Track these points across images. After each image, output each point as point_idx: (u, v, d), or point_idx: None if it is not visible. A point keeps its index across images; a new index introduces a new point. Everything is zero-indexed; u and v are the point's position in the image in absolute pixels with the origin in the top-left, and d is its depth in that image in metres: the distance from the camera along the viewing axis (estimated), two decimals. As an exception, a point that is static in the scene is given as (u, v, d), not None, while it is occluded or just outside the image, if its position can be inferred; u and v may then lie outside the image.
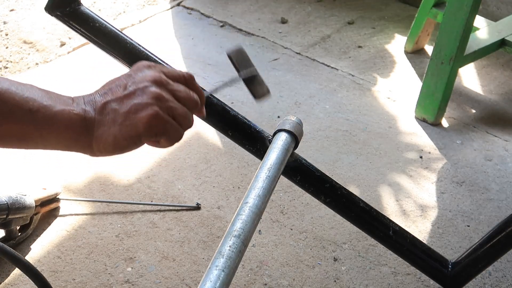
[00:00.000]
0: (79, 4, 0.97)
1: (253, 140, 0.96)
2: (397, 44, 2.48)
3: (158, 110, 0.63)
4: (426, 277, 1.12)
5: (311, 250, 1.54)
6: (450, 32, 1.86)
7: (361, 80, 2.24)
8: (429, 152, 1.91)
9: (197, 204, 1.64)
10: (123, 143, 0.63)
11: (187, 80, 0.69)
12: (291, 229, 1.60)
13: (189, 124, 0.67)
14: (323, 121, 2.02)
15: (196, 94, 0.69)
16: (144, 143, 0.64)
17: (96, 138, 0.63)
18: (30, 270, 0.99)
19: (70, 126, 0.62)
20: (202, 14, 2.60)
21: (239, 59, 0.81)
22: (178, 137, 0.66)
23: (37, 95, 0.62)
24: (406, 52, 2.43)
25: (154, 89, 0.63)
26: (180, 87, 0.66)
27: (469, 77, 2.31)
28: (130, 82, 0.64)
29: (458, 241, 1.59)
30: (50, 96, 0.63)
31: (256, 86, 0.81)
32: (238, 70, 0.81)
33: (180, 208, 1.63)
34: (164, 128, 0.64)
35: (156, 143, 0.67)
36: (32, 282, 1.01)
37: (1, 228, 1.43)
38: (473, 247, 1.00)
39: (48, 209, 1.56)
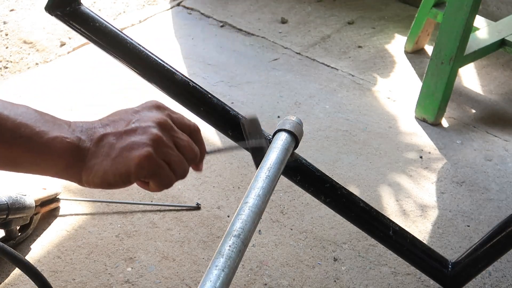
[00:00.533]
0: (79, 4, 0.97)
1: (253, 140, 0.96)
2: (397, 44, 2.48)
3: (152, 152, 0.61)
4: (426, 277, 1.12)
5: (311, 250, 1.54)
6: (450, 32, 1.86)
7: (361, 80, 2.24)
8: (429, 152, 1.91)
9: (197, 204, 1.64)
10: (112, 179, 0.61)
11: (192, 131, 0.68)
12: (291, 229, 1.60)
13: (183, 174, 0.67)
14: (323, 121, 2.02)
15: (197, 147, 0.69)
16: (133, 183, 0.63)
17: (86, 169, 0.61)
18: (30, 270, 0.99)
19: (62, 156, 0.60)
20: (202, 14, 2.60)
21: (251, 129, 0.82)
22: (169, 184, 0.65)
23: (31, 119, 0.60)
24: (406, 52, 2.43)
25: (155, 130, 0.62)
26: (183, 136, 0.66)
27: (469, 77, 2.31)
28: (135, 119, 0.63)
29: (458, 241, 1.59)
30: (45, 121, 0.61)
31: (260, 158, 0.82)
32: (247, 138, 0.81)
33: (180, 208, 1.63)
34: (155, 171, 0.62)
35: (145, 185, 0.66)
36: (32, 282, 1.01)
37: (1, 228, 1.43)
38: (473, 247, 1.00)
39: (48, 209, 1.56)
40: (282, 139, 0.83)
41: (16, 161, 0.60)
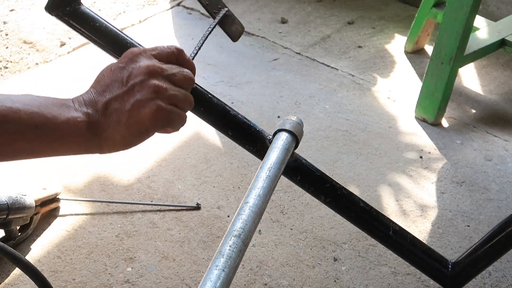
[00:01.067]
0: (79, 3, 0.97)
1: (253, 140, 0.96)
2: (397, 44, 2.48)
3: (160, 104, 0.63)
4: (426, 277, 1.12)
5: (311, 250, 1.54)
6: (450, 32, 1.86)
7: (361, 80, 2.24)
8: (429, 152, 1.91)
9: (197, 204, 1.64)
10: (133, 140, 0.64)
11: (178, 56, 0.69)
12: (291, 229, 1.60)
13: (191, 105, 0.69)
14: (323, 121, 2.02)
15: (188, 69, 0.70)
16: (153, 134, 0.66)
17: (105, 139, 0.63)
18: (30, 270, 0.99)
19: (79, 135, 0.62)
20: (202, 14, 2.60)
21: (210, 1, 0.80)
22: (183, 122, 0.68)
23: (39, 107, 0.61)
24: (406, 52, 2.43)
25: (152, 82, 0.64)
26: (174, 70, 0.67)
27: (469, 77, 2.31)
28: (125, 76, 0.64)
29: (458, 241, 1.59)
30: (52, 104, 0.62)
31: (231, 25, 0.82)
32: (211, 15, 0.81)
33: (180, 208, 1.63)
34: (169, 118, 0.65)
35: (164, 131, 0.68)
36: (32, 282, 1.01)
37: (1, 228, 1.43)
38: (473, 247, 1.00)
39: (48, 209, 1.56)
40: (282, 139, 0.83)
41: (36, 150, 0.61)
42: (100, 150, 0.64)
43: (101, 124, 0.62)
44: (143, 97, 0.63)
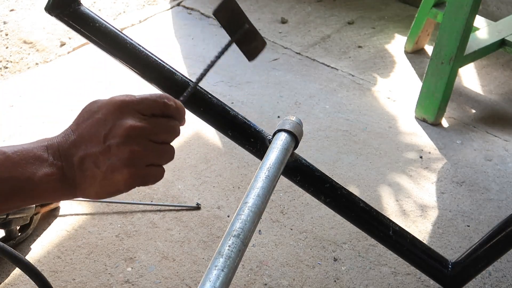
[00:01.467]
0: (79, 4, 0.97)
1: (253, 140, 0.96)
2: (397, 44, 2.48)
3: (135, 170, 0.61)
4: (426, 277, 1.12)
5: (311, 250, 1.54)
6: (450, 32, 1.86)
7: (361, 80, 2.24)
8: (429, 152, 1.91)
9: (197, 204, 1.64)
10: (106, 196, 0.63)
11: (163, 108, 0.65)
12: (291, 229, 1.60)
13: (171, 158, 0.66)
14: (323, 121, 2.02)
15: (176, 116, 0.66)
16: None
17: (79, 192, 0.62)
18: (30, 270, 0.99)
19: (54, 190, 0.61)
20: (202, 14, 2.60)
21: (229, 18, 0.72)
22: (160, 176, 0.65)
23: (10, 171, 0.59)
24: (406, 52, 2.43)
25: (129, 147, 0.61)
26: (157, 127, 0.63)
27: (469, 77, 2.31)
28: (104, 133, 0.61)
29: (458, 241, 1.59)
30: (25, 160, 0.60)
31: (250, 43, 0.73)
32: (229, 33, 0.73)
33: (180, 208, 1.63)
34: (143, 180, 0.63)
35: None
36: (32, 282, 1.01)
37: (1, 228, 1.43)
38: (473, 247, 1.00)
39: (48, 209, 1.56)
40: (282, 139, 0.83)
41: (11, 207, 0.61)
42: (75, 197, 0.64)
43: (75, 178, 0.61)
44: (119, 161, 0.60)
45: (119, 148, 0.60)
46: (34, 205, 1.46)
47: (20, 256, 0.97)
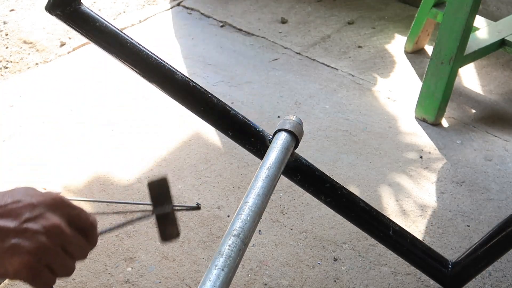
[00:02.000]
0: (80, 3, 0.97)
1: (253, 140, 0.96)
2: (397, 44, 2.48)
3: (33, 263, 0.60)
4: (426, 277, 1.12)
5: (311, 250, 1.54)
6: (450, 32, 1.86)
7: (361, 80, 2.24)
8: (429, 152, 1.91)
9: (197, 204, 1.64)
10: None
11: (88, 229, 0.66)
12: (291, 229, 1.60)
13: (68, 275, 0.65)
14: (323, 121, 2.02)
15: (90, 242, 0.67)
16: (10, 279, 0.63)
17: None
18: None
19: None
20: (202, 14, 2.60)
21: (157, 192, 0.77)
22: (46, 284, 0.63)
23: None
24: (406, 52, 2.43)
25: (43, 239, 0.60)
26: (74, 239, 0.64)
27: (469, 77, 2.31)
28: (28, 215, 0.60)
29: (458, 241, 1.59)
30: None
31: (166, 226, 0.76)
32: (152, 205, 0.77)
33: (180, 208, 1.63)
34: (34, 277, 0.61)
35: (26, 282, 0.65)
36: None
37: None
38: (473, 247, 1.00)
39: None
40: (282, 138, 0.83)
41: None
42: None
43: None
44: (26, 246, 0.59)
45: (33, 235, 0.60)
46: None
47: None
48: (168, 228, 0.78)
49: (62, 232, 0.62)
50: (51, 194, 0.64)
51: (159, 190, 0.77)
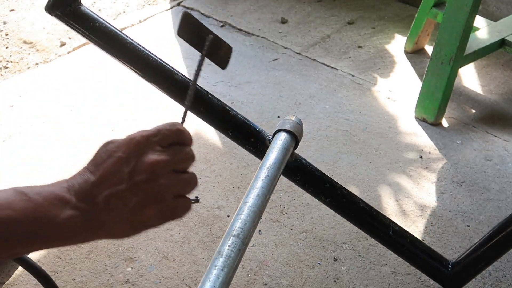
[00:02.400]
0: (79, 4, 0.97)
1: (253, 140, 0.96)
2: (397, 44, 2.48)
3: (164, 205, 0.61)
4: (426, 277, 1.12)
5: (311, 250, 1.54)
6: (450, 32, 1.86)
7: (361, 80, 2.24)
8: (429, 152, 1.91)
9: (196, 197, 1.64)
10: (133, 233, 0.62)
11: (179, 136, 0.66)
12: (291, 229, 1.60)
13: (195, 185, 0.66)
14: (323, 121, 2.02)
15: (189, 144, 0.67)
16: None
17: (104, 233, 0.61)
18: (33, 268, 0.99)
19: (76, 233, 0.60)
20: (202, 14, 2.60)
21: (192, 35, 0.75)
22: (188, 208, 0.65)
23: (33, 212, 0.58)
24: (406, 52, 2.43)
25: (157, 181, 0.61)
26: (177, 156, 0.64)
27: (469, 77, 2.31)
28: (128, 170, 0.61)
29: (458, 241, 1.59)
30: (48, 201, 0.59)
31: (218, 51, 0.75)
32: (197, 48, 0.75)
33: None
34: (173, 214, 0.63)
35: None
36: (33, 282, 1.01)
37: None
38: (473, 247, 1.00)
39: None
40: (282, 139, 0.83)
41: (31, 250, 0.60)
42: (98, 238, 0.62)
43: (100, 218, 0.60)
44: (147, 197, 0.60)
45: (146, 184, 0.60)
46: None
47: (27, 258, 0.97)
48: (221, 52, 0.77)
49: (165, 162, 0.62)
50: (131, 138, 0.63)
51: (191, 29, 0.75)
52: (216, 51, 0.77)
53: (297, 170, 0.96)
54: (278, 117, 2.01)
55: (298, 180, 0.97)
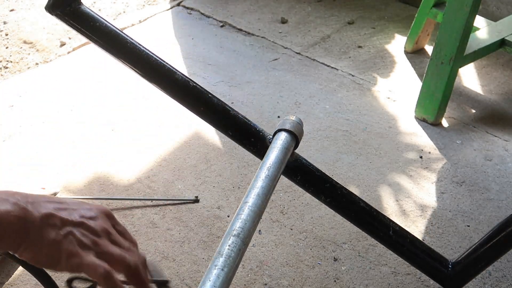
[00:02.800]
0: (80, 3, 0.97)
1: (253, 140, 0.96)
2: (397, 44, 2.48)
3: (81, 252, 0.64)
4: (426, 277, 1.12)
5: (311, 250, 1.54)
6: (450, 32, 1.86)
7: (361, 80, 2.24)
8: (429, 152, 1.90)
9: (196, 197, 1.64)
10: (40, 262, 0.65)
11: (132, 243, 0.72)
12: (291, 229, 1.60)
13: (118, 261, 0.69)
14: (323, 121, 2.02)
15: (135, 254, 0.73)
16: (57, 271, 0.67)
17: (23, 247, 0.61)
18: (33, 269, 0.99)
19: (9, 234, 0.59)
20: (202, 14, 2.60)
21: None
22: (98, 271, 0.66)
23: None
24: (406, 52, 2.43)
25: (94, 236, 0.66)
26: (125, 244, 0.70)
27: (469, 77, 2.31)
28: (83, 213, 0.66)
29: (458, 241, 1.59)
30: None
31: None
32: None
33: (178, 202, 1.63)
34: (79, 266, 0.66)
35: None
36: (33, 282, 1.01)
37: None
38: (473, 247, 1.00)
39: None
40: (282, 139, 0.83)
41: None
42: (15, 250, 0.62)
43: (30, 231, 0.60)
44: (79, 236, 0.64)
45: (88, 228, 0.65)
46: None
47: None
48: None
49: (112, 233, 0.68)
50: (103, 206, 0.70)
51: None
52: None
53: (297, 170, 0.96)
54: (278, 117, 2.01)
55: (298, 180, 0.96)
